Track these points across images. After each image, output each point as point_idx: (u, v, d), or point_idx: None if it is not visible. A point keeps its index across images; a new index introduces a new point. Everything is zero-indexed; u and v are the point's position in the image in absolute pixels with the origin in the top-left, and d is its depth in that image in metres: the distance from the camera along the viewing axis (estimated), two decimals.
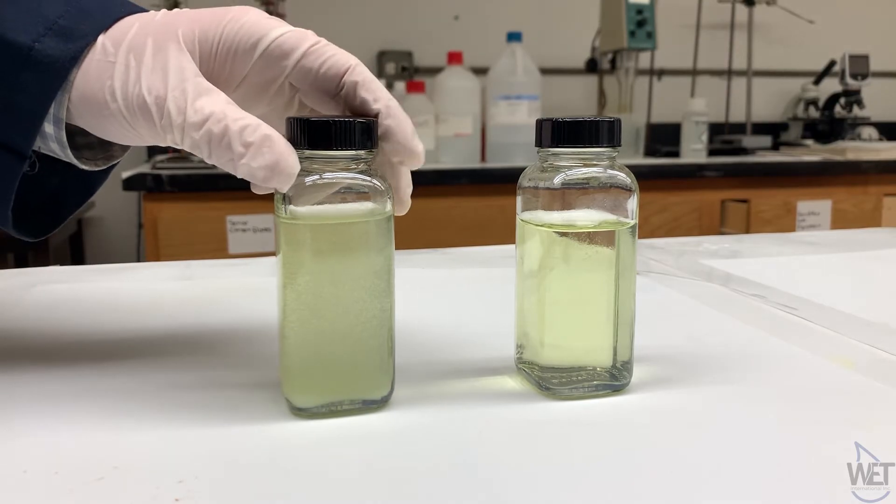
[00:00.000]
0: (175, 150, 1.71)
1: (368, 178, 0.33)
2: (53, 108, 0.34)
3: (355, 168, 0.33)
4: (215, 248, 1.50)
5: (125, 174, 1.52)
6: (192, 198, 1.52)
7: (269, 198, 0.35)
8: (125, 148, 0.41)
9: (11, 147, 0.34)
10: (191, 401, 0.36)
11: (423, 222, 1.56)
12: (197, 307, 0.54)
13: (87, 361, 0.42)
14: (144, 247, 1.63)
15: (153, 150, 1.93)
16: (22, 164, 0.34)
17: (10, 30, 0.33)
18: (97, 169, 0.40)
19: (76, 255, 2.11)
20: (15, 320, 0.51)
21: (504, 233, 0.35)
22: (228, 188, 1.53)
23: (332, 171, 0.33)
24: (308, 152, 0.33)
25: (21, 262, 1.77)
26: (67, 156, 0.37)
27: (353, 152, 0.33)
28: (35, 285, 0.60)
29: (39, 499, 0.27)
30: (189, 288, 0.60)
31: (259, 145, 0.32)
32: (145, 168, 1.63)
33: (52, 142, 0.35)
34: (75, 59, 0.33)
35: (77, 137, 0.38)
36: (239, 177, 0.33)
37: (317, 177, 0.33)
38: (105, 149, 0.40)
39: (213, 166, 0.34)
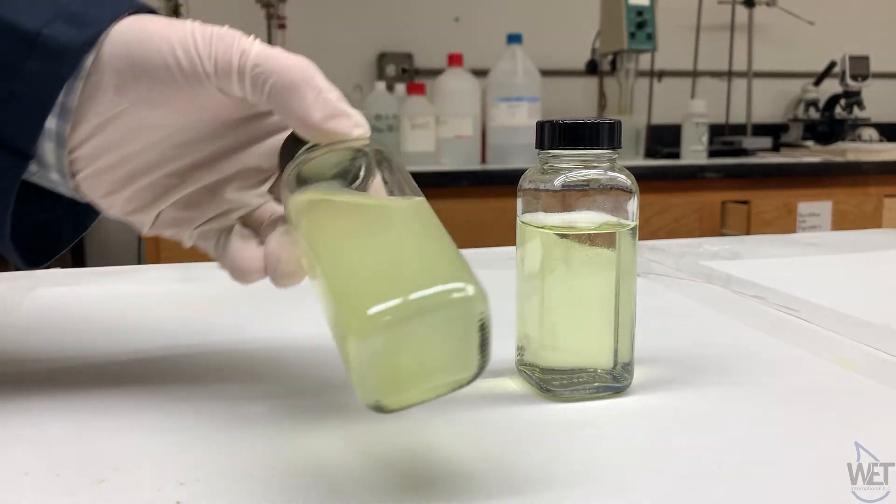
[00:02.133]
0: None
1: None
2: (63, 95, 0.31)
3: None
4: None
5: None
6: None
7: None
8: None
9: (12, 146, 0.31)
10: (192, 402, 0.36)
11: None
12: (198, 310, 0.54)
13: (87, 364, 0.42)
14: (145, 249, 1.63)
15: None
16: (24, 165, 0.32)
17: (17, 14, 0.31)
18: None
19: (77, 257, 2.11)
20: (15, 322, 0.51)
21: (504, 234, 0.35)
22: None
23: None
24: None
25: None
26: (61, 165, 0.33)
27: None
28: (36, 288, 0.60)
29: (40, 500, 0.27)
30: (190, 290, 0.60)
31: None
32: None
33: (48, 140, 0.32)
34: (89, 44, 0.31)
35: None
36: (316, 118, 0.32)
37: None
38: None
39: None
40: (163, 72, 0.32)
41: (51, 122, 0.32)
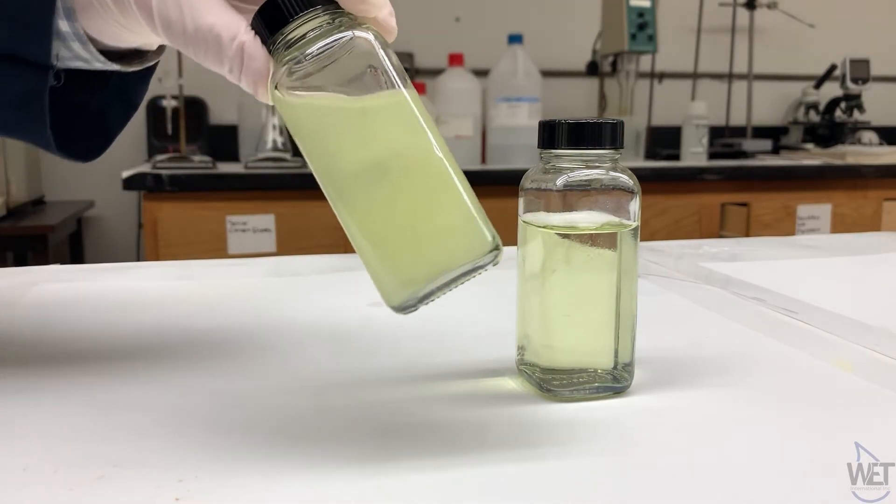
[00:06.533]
0: (176, 150, 1.71)
1: None
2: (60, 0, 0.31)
3: None
4: (215, 247, 1.50)
5: (125, 173, 1.52)
6: (191, 197, 1.52)
7: (267, 198, 0.34)
8: (158, 52, 0.38)
9: (29, 59, 0.32)
10: (191, 400, 0.36)
11: None
12: (196, 307, 0.54)
13: (86, 360, 0.42)
14: (144, 246, 1.63)
15: (153, 150, 1.93)
16: (46, 77, 0.32)
17: None
18: (131, 69, 0.37)
19: (76, 254, 2.11)
20: (14, 319, 0.51)
21: (505, 234, 0.35)
22: (228, 188, 1.53)
23: None
24: None
25: (20, 261, 1.77)
26: (93, 55, 0.33)
27: None
28: (35, 284, 0.60)
29: (39, 496, 0.27)
30: (188, 288, 0.60)
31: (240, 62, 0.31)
32: (145, 168, 1.63)
33: (72, 41, 0.33)
34: None
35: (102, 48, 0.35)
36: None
37: None
38: (136, 55, 0.38)
39: (213, 166, 0.34)
40: None
41: (63, 25, 0.32)
